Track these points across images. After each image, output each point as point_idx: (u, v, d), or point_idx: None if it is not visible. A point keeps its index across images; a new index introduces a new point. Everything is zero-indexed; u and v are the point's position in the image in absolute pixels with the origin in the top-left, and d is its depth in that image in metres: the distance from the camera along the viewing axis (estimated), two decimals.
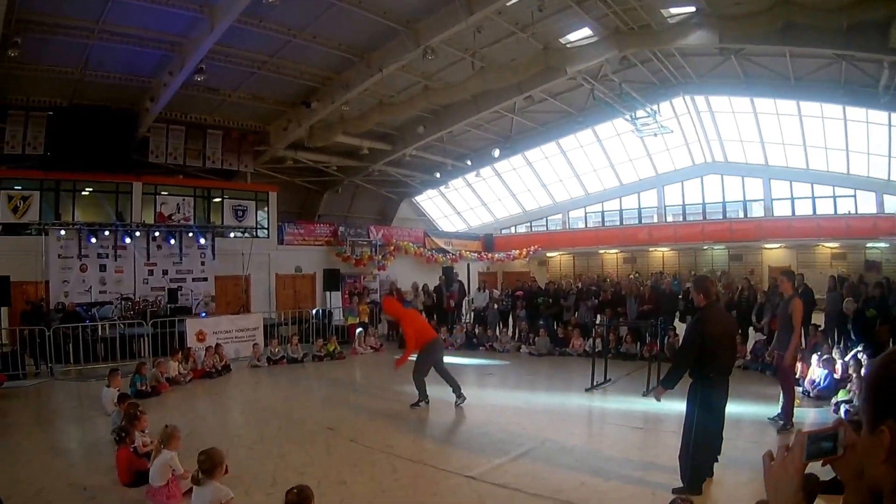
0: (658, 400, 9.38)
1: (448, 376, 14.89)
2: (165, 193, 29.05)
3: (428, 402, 14.73)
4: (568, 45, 26.33)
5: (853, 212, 37.87)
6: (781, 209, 40.19)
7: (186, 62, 21.62)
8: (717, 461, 9.13)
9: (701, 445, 8.60)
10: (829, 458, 2.00)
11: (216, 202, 30.85)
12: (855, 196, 37.82)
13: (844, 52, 24.20)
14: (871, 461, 1.75)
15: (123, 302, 24.78)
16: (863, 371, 15.32)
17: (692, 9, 23.32)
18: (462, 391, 14.81)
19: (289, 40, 22.73)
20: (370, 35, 23.46)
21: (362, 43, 24.08)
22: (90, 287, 25.16)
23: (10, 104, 24.25)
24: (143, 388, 16.47)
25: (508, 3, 21.49)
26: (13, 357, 19.52)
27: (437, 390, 15.01)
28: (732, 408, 9.66)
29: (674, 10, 24.15)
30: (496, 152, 37.76)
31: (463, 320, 29.14)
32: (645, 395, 15.85)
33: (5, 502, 6.93)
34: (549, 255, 46.47)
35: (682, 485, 8.61)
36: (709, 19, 23.20)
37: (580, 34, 25.80)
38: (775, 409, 12.53)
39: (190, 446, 9.45)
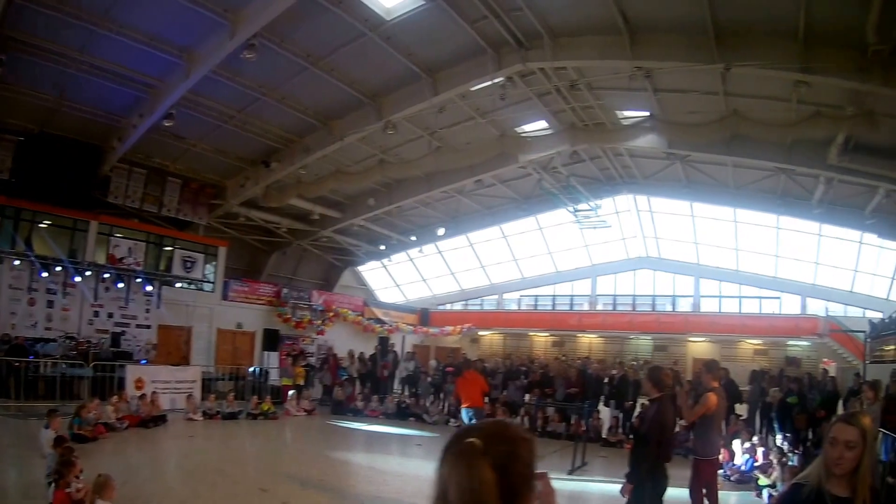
0: (625, 496, 9.06)
1: None
2: (119, 235, 28.82)
3: None
4: (523, 135, 27.07)
5: (777, 312, 39.93)
6: (709, 306, 42.15)
7: (158, 105, 21.76)
8: None
9: None
10: None
11: (167, 250, 30.66)
12: (780, 298, 39.99)
13: (786, 166, 25.19)
14: None
15: (67, 341, 24.46)
16: (784, 458, 16.28)
17: (647, 113, 24.24)
18: None
19: (258, 97, 23.05)
20: (336, 103, 23.96)
21: (328, 110, 24.53)
22: (36, 322, 24.83)
23: None
24: (82, 431, 16.38)
25: (473, 89, 22.22)
26: None
27: (370, 459, 15.27)
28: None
29: (629, 113, 25.06)
30: (441, 231, 38.47)
31: (395, 390, 29.37)
32: (570, 473, 16.46)
33: None
34: (481, 333, 46.80)
35: None
36: (661, 124, 24.12)
37: (536, 126, 26.57)
38: None
39: (125, 496, 9.64)
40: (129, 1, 17.54)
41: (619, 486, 9.61)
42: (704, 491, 10.87)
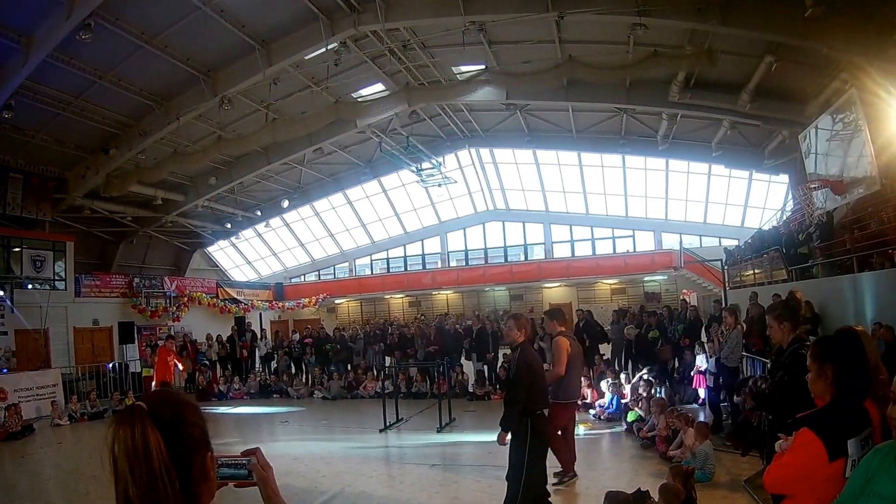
0: (504, 444, 9.02)
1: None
2: None
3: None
4: (360, 100, 27.38)
5: (631, 250, 41.36)
6: (562, 251, 43.48)
7: None
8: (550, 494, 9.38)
9: (537, 477, 8.93)
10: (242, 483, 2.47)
11: (15, 251, 29.27)
12: (633, 236, 41.73)
13: (626, 106, 25.98)
14: None
15: None
16: (652, 390, 17.00)
17: (482, 67, 24.69)
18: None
19: (94, 81, 22.28)
20: (171, 81, 23.63)
21: (163, 89, 24.17)
22: None
23: None
24: None
25: (307, 57, 22.46)
26: None
27: (235, 443, 15.31)
28: None
29: (465, 68, 25.63)
30: (285, 203, 38.73)
31: (256, 369, 29.36)
32: (439, 431, 16.87)
33: None
34: (337, 301, 47.36)
35: None
36: (497, 76, 24.76)
37: (373, 89, 26.98)
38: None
39: None
40: None
41: (492, 438, 9.92)
42: (560, 433, 11.31)
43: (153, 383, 21.71)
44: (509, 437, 8.96)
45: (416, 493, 11.31)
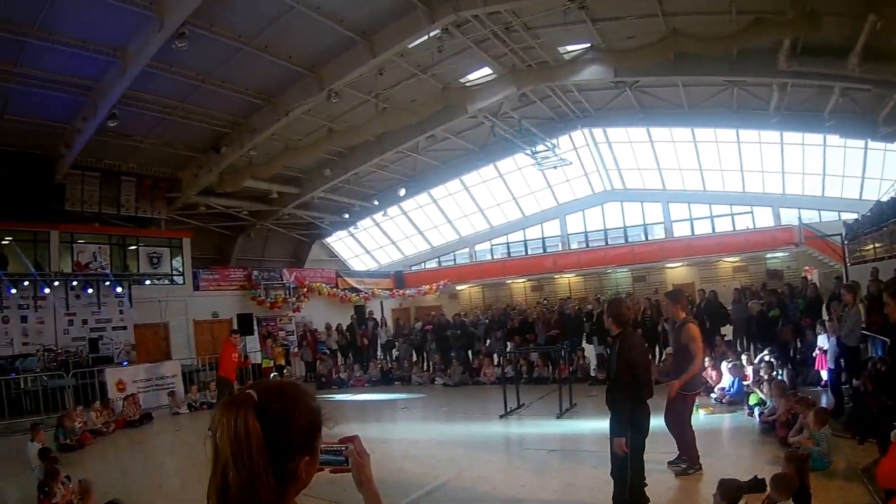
0: (625, 452, 8.27)
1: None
2: (82, 242, 28.59)
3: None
4: (468, 85, 27.06)
5: (751, 227, 39.77)
6: (682, 230, 41.94)
7: (99, 107, 21.56)
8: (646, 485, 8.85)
9: (638, 469, 8.56)
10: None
11: (131, 250, 30.57)
12: (752, 212, 39.94)
13: (735, 79, 25.22)
14: None
15: (45, 353, 24.38)
16: (774, 372, 16.07)
17: (587, 45, 24.14)
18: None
19: (198, 85, 22.86)
20: (276, 79, 23.88)
21: (268, 87, 24.46)
22: (12, 339, 24.63)
23: None
24: (67, 441, 16.52)
25: (410, 46, 22.24)
26: None
27: (354, 428, 15.32)
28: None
29: (570, 48, 24.97)
30: (401, 191, 38.35)
31: (377, 357, 29.40)
32: (559, 417, 16.27)
33: None
34: (458, 288, 46.99)
35: None
36: (603, 54, 24.06)
37: (480, 73, 26.57)
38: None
39: (114, 496, 9.67)
40: (55, 9, 17.29)
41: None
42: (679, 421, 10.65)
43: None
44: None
45: (531, 478, 11.12)
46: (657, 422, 9.60)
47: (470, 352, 26.78)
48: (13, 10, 17.25)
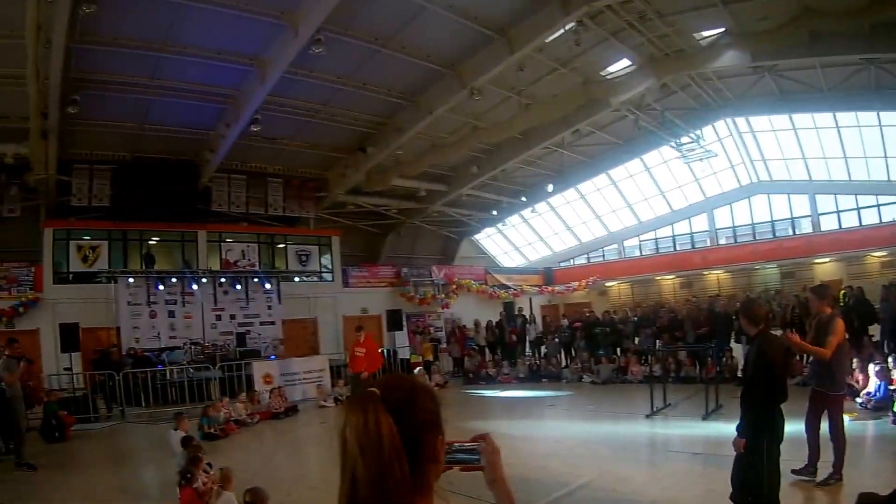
0: (741, 451, 7.95)
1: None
2: (230, 240, 29.92)
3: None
4: (609, 77, 26.74)
5: None
6: (828, 223, 39.74)
7: (241, 114, 22.42)
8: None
9: (774, 475, 7.94)
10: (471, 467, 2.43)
11: (280, 248, 31.72)
12: None
13: (870, 56, 24.36)
14: None
15: (193, 347, 25.68)
16: None
17: (721, 29, 23.60)
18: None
19: (339, 88, 23.44)
20: (416, 79, 24.15)
21: (410, 87, 24.75)
22: (159, 333, 26.01)
23: (74, 158, 25.03)
24: (211, 430, 17.09)
25: (547, 40, 22.10)
26: (84, 401, 20.37)
27: (499, 425, 15.43)
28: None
29: (705, 33, 24.47)
30: (549, 187, 38.32)
31: (526, 354, 29.42)
32: (704, 418, 15.92)
33: None
34: (607, 284, 46.35)
35: None
36: (738, 38, 23.47)
37: (620, 65, 26.16)
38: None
39: (256, 483, 9.96)
40: (186, 24, 18.25)
41: None
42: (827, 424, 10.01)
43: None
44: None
45: (673, 482, 10.87)
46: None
47: (619, 349, 26.53)
48: (145, 29, 18.35)
